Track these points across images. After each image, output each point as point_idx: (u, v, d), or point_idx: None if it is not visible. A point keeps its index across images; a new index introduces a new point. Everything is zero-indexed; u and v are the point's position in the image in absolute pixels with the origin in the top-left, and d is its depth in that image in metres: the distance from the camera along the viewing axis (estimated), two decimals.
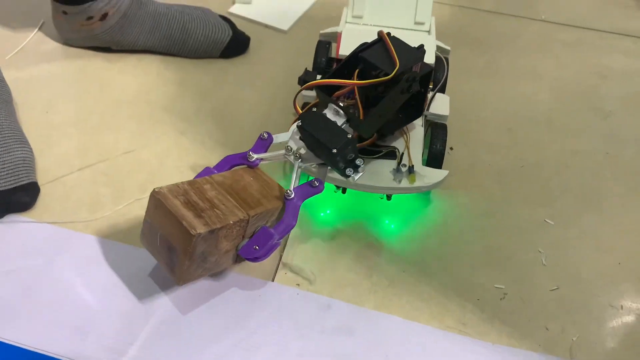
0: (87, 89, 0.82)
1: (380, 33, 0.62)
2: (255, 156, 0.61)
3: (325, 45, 0.78)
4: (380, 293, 0.61)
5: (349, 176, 0.58)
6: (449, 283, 0.62)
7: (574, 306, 0.61)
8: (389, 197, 0.67)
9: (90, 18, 0.82)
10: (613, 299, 0.62)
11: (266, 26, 0.95)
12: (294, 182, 0.59)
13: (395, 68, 0.57)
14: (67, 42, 0.88)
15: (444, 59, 0.74)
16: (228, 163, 0.62)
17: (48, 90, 0.81)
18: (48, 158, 0.72)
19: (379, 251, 0.65)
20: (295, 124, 0.59)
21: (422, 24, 0.78)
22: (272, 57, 0.90)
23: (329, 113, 0.59)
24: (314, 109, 0.60)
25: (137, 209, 0.67)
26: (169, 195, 0.54)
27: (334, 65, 0.74)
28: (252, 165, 0.62)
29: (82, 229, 0.64)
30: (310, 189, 0.59)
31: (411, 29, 0.78)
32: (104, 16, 0.82)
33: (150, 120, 0.78)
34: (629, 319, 0.60)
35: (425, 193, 0.71)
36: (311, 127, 0.57)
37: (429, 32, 0.77)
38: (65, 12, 0.83)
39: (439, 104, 0.72)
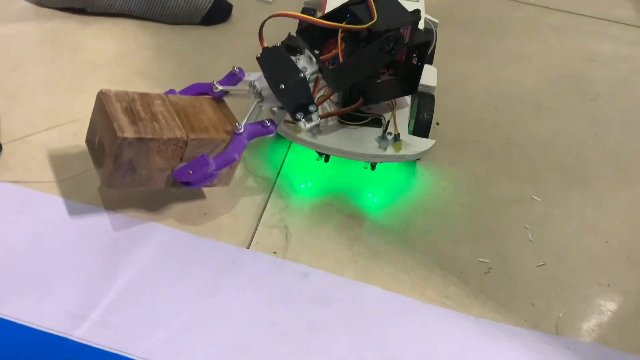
0: (59, 50, 0.78)
1: None
2: (220, 87, 0.59)
3: (310, 12, 0.75)
4: (361, 263, 0.58)
5: (299, 120, 0.55)
6: (432, 256, 0.60)
7: (561, 283, 0.59)
8: (373, 167, 0.65)
9: None
10: (600, 277, 0.60)
11: None
12: (246, 119, 0.56)
13: (372, 20, 0.54)
14: (40, 2, 0.84)
15: (434, 30, 0.71)
16: (194, 89, 0.61)
17: (16, 49, 0.77)
18: (13, 117, 0.67)
19: (361, 222, 0.62)
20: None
21: None
22: (255, 28, 0.86)
23: (303, 60, 0.56)
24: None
25: None
26: (112, 98, 0.53)
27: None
28: (216, 97, 0.60)
29: (46, 190, 0.60)
30: (261, 128, 0.56)
31: None
32: None
33: (125, 84, 0.74)
34: (616, 297, 0.59)
35: (410, 165, 0.68)
36: (269, 61, 0.55)
37: (418, 0, 0.75)
38: None
39: (427, 75, 0.69)
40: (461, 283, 0.58)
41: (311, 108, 0.55)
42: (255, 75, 0.58)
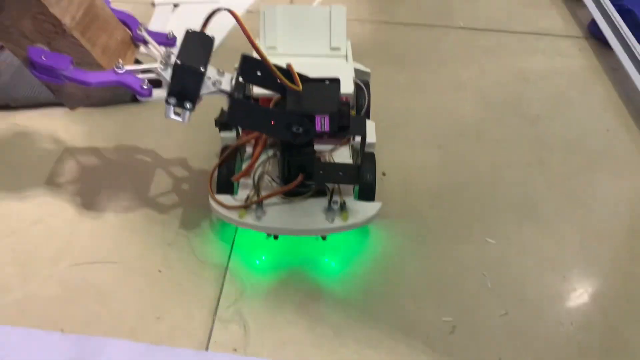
0: None
1: (289, 67, 0.57)
2: (144, 33, 0.58)
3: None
4: (326, 346, 0.57)
5: (168, 104, 0.53)
6: (395, 323, 0.59)
7: (525, 329, 0.59)
8: (324, 237, 0.64)
9: None
10: (562, 317, 0.60)
11: None
12: (133, 68, 0.53)
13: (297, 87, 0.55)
14: None
15: (363, 86, 0.71)
16: (121, 15, 0.59)
17: None
18: None
19: (320, 298, 0.61)
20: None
21: (338, 49, 0.75)
22: None
23: (226, 76, 0.55)
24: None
25: (51, 286, 0.60)
26: None
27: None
28: (133, 37, 0.58)
29: None
30: (138, 85, 0.53)
31: (327, 56, 0.75)
32: None
33: (59, 185, 0.71)
34: (580, 335, 0.59)
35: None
36: (192, 42, 0.54)
37: (345, 57, 0.74)
38: None
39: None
40: (428, 349, 0.57)
41: (187, 105, 0.54)
42: (177, 49, 0.56)
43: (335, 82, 0.57)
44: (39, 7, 0.49)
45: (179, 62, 0.52)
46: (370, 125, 0.70)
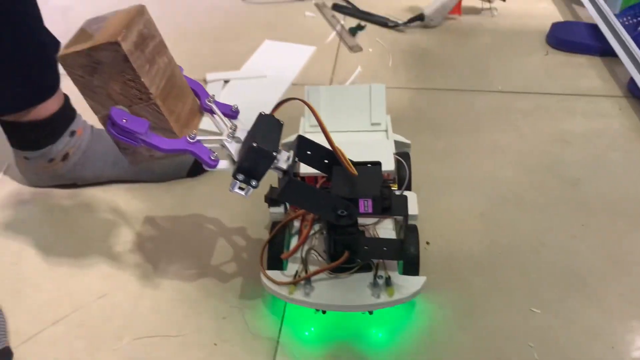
0: (56, 232, 0.81)
1: (339, 152, 0.61)
2: (212, 104, 0.62)
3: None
4: None
5: (235, 179, 0.56)
6: None
7: None
8: (371, 312, 0.66)
9: (51, 160, 0.82)
10: None
11: None
12: (203, 138, 0.57)
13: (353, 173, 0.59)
14: (33, 184, 0.88)
15: (403, 161, 0.74)
16: (193, 84, 0.63)
17: (16, 238, 0.80)
18: (20, 316, 0.70)
19: None
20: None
21: (379, 124, 0.79)
22: None
23: (284, 154, 0.59)
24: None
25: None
26: (141, 17, 0.55)
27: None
28: (201, 106, 0.62)
29: None
30: (206, 155, 0.57)
31: (369, 130, 0.79)
32: (65, 156, 0.83)
33: (121, 258, 0.77)
34: None
35: None
36: (263, 123, 0.58)
37: (386, 131, 0.78)
38: (26, 158, 0.83)
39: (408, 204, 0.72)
40: None
41: (253, 183, 0.57)
42: (243, 125, 0.61)
43: (377, 165, 0.61)
44: (132, 75, 0.53)
45: (255, 144, 0.55)
46: (411, 197, 0.73)
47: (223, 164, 0.58)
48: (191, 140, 0.56)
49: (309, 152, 0.62)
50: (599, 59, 1.15)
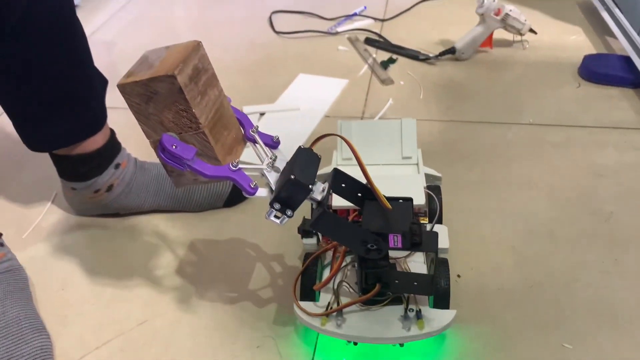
0: (99, 259, 0.85)
1: (374, 187, 0.63)
2: (255, 134, 0.65)
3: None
4: None
5: (272, 208, 0.59)
6: None
7: None
8: (401, 344, 0.67)
9: (97, 191, 0.87)
10: None
11: None
12: (245, 167, 0.60)
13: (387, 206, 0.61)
14: (79, 213, 0.93)
15: (434, 195, 0.76)
16: (238, 113, 0.66)
17: (63, 265, 0.84)
18: (66, 340, 0.73)
19: None
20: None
21: (410, 157, 0.81)
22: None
23: (319, 185, 0.62)
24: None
25: None
26: (196, 52, 0.60)
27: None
28: (245, 135, 0.66)
29: None
30: (246, 183, 0.60)
31: (400, 164, 0.81)
32: (110, 187, 0.87)
33: (161, 284, 0.80)
34: None
35: None
36: (302, 156, 0.61)
37: (417, 164, 0.80)
38: (73, 188, 0.88)
39: (439, 237, 0.73)
40: None
41: (288, 212, 0.60)
42: (283, 156, 0.65)
43: (409, 201, 0.63)
44: (184, 105, 0.57)
45: (293, 177, 0.58)
46: (442, 230, 0.74)
47: (262, 192, 0.62)
48: (233, 168, 0.60)
49: (343, 185, 0.64)
50: (632, 90, 1.15)
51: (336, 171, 0.64)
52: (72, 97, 0.80)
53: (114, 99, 0.75)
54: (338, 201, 0.70)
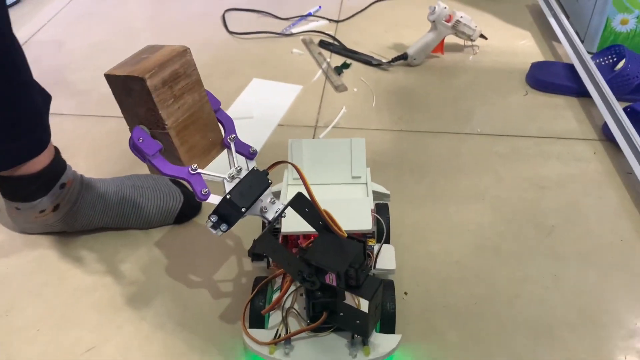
0: (46, 281, 0.83)
1: (328, 215, 0.64)
2: (231, 143, 0.68)
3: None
4: None
5: (209, 219, 0.63)
6: None
7: None
8: None
9: (42, 211, 0.85)
10: None
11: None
12: (204, 171, 0.63)
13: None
14: (24, 231, 0.90)
15: (381, 219, 0.77)
16: (217, 104, 0.69)
17: (7, 289, 0.82)
18: None
19: None
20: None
21: (359, 177, 0.82)
22: None
23: (276, 205, 0.65)
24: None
25: None
26: (178, 59, 0.64)
27: (280, 237, 0.76)
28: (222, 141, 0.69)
29: None
30: (200, 189, 0.62)
31: (349, 183, 0.82)
32: (56, 207, 0.85)
33: (110, 308, 0.79)
34: None
35: None
36: (251, 176, 0.65)
37: (366, 184, 0.81)
38: (18, 208, 0.85)
39: (385, 258, 0.75)
40: None
41: (223, 227, 0.63)
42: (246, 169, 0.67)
43: (360, 243, 0.63)
44: (152, 105, 0.61)
45: (228, 196, 0.62)
46: (389, 250, 0.76)
47: (214, 199, 0.64)
48: (192, 172, 0.63)
49: (307, 210, 0.65)
50: (576, 99, 1.18)
51: (300, 195, 0.64)
52: (12, 120, 0.77)
53: (61, 106, 0.72)
54: (287, 227, 0.71)
